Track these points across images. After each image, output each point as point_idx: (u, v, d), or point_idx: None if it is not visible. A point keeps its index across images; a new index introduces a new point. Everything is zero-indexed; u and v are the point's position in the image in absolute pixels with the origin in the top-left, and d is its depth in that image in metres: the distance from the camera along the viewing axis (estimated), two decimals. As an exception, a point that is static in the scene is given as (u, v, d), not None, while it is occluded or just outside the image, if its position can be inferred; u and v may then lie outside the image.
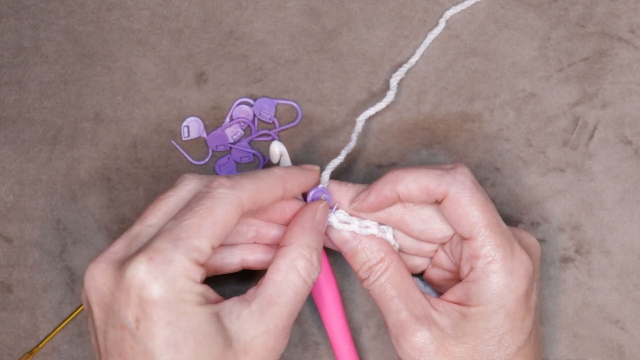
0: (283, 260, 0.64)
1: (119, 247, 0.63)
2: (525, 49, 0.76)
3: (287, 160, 0.69)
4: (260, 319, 0.62)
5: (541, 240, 0.74)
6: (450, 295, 0.66)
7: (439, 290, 0.71)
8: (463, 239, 0.66)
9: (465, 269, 0.66)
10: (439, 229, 0.68)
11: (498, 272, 0.64)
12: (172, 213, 0.63)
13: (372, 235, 0.67)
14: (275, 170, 0.66)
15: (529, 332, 0.65)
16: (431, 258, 0.70)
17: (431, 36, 0.75)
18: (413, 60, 0.75)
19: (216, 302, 0.62)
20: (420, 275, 0.72)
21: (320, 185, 0.68)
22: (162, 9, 0.77)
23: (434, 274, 0.70)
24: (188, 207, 0.62)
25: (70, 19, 0.77)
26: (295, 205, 0.68)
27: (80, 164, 0.76)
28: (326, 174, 0.69)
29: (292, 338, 0.75)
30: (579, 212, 0.75)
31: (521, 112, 0.75)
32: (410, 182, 0.66)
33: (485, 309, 0.64)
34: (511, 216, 0.75)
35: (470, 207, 0.65)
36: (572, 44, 0.76)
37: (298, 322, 0.75)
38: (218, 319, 0.61)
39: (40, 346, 0.74)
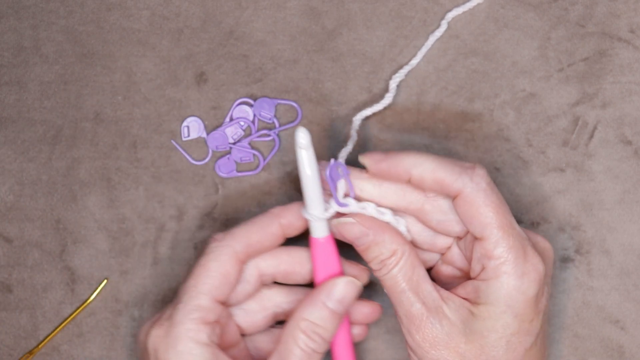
0: (285, 330, 0.66)
1: (163, 311, 0.68)
2: (525, 49, 0.76)
3: (310, 147, 0.66)
4: None
5: (541, 240, 0.75)
6: (460, 290, 0.66)
7: (445, 288, 0.70)
8: (475, 238, 0.66)
9: (476, 268, 0.66)
10: (458, 221, 0.67)
11: (509, 273, 0.64)
12: None
13: (385, 228, 0.67)
14: (271, 210, 0.68)
15: (537, 334, 0.66)
16: (443, 254, 0.70)
17: (432, 38, 0.75)
18: (414, 62, 0.75)
19: None
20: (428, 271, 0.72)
21: (338, 160, 0.68)
22: (162, 9, 0.77)
23: (444, 270, 0.70)
24: (191, 268, 0.67)
25: (70, 19, 0.77)
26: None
27: (80, 164, 0.76)
28: (341, 161, 0.68)
29: (292, 338, 0.75)
30: (579, 212, 0.75)
31: (521, 112, 0.75)
32: (427, 171, 0.65)
33: (493, 308, 0.64)
34: (511, 216, 0.75)
35: (484, 208, 0.65)
36: (572, 44, 0.76)
37: (298, 322, 0.75)
38: None
39: (40, 346, 0.75)
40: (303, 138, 0.65)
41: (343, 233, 0.67)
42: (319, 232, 0.68)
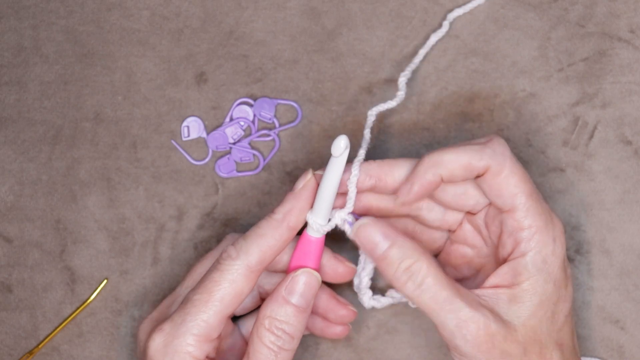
0: (252, 329, 0.66)
1: (163, 307, 0.69)
2: (525, 49, 0.76)
3: (344, 158, 0.65)
4: None
5: (541, 240, 0.75)
6: (494, 279, 0.65)
7: (456, 270, 0.70)
8: (503, 211, 0.65)
9: (507, 244, 0.65)
10: (474, 194, 0.67)
11: (544, 241, 0.64)
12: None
13: (406, 239, 0.65)
14: (274, 215, 0.66)
15: (571, 299, 0.66)
16: (453, 232, 0.70)
17: (435, 38, 0.75)
18: (417, 60, 0.75)
19: None
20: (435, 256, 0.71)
21: (347, 212, 0.67)
22: (162, 9, 0.77)
23: (453, 251, 0.70)
24: (202, 279, 0.66)
25: (70, 19, 0.77)
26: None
27: (80, 164, 0.76)
28: (354, 177, 0.67)
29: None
30: (579, 212, 0.75)
31: (521, 112, 0.75)
32: (451, 163, 0.64)
33: (536, 280, 0.64)
34: (511, 216, 0.75)
35: (512, 178, 0.64)
36: (572, 44, 0.76)
37: (298, 322, 0.75)
38: None
39: (40, 346, 0.75)
40: (341, 147, 0.64)
41: (362, 236, 0.66)
42: (316, 232, 0.68)
